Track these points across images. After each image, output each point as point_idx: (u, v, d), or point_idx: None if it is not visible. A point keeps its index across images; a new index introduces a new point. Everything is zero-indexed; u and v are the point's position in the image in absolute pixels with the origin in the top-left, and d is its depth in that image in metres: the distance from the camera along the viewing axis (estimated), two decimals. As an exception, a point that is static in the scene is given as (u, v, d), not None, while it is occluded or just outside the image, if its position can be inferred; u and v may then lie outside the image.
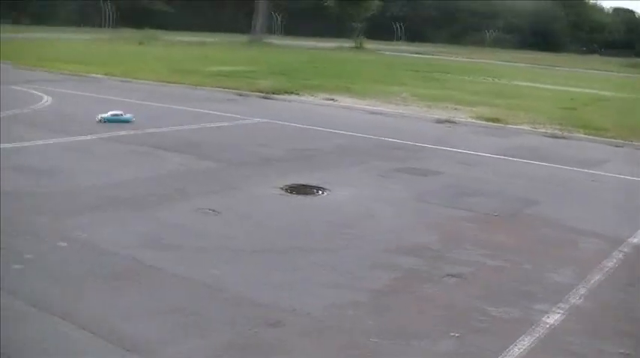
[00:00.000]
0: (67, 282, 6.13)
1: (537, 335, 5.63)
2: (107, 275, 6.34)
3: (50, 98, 18.48)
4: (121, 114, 14.90)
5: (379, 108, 19.67)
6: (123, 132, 13.62)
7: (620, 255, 7.97)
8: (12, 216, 7.93)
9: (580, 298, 6.52)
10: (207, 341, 5.20)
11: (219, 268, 6.67)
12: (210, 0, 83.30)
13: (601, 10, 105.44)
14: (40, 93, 19.28)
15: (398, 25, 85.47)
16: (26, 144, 12.27)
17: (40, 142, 12.47)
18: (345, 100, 20.98)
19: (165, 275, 6.44)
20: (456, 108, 20.24)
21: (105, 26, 72.98)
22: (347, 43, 59.46)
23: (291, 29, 77.12)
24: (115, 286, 6.12)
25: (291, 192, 9.78)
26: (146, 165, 11.17)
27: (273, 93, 21.47)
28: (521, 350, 5.35)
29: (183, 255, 7.00)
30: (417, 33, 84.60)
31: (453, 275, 6.87)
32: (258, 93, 21.58)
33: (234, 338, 5.28)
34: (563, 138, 16.79)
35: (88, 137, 13.19)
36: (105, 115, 14.71)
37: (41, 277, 6.20)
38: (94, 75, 25.71)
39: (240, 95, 21.56)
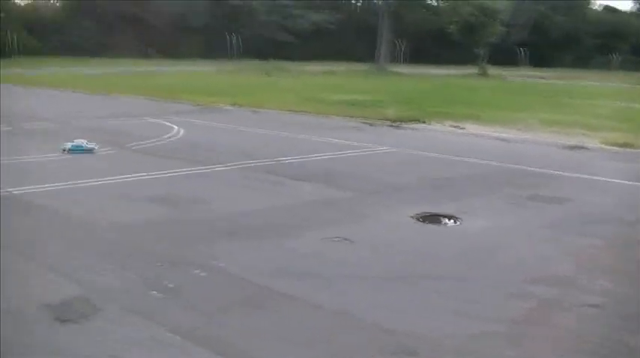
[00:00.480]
0: (207, 311, 6.29)
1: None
2: (243, 303, 6.51)
3: (181, 129, 19.15)
4: (84, 144, 15.01)
5: (507, 135, 19.49)
6: (254, 162, 14.00)
7: None
8: (150, 244, 8.27)
9: None
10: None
11: (352, 296, 6.74)
12: (333, 29, 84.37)
13: None
14: (170, 124, 19.98)
15: (521, 50, 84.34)
16: (160, 174, 12.76)
17: (174, 172, 12.93)
18: (473, 127, 20.90)
19: (300, 303, 6.54)
20: (584, 134, 19.83)
21: (230, 58, 74.60)
22: (470, 70, 59.06)
23: (414, 56, 77.12)
24: (251, 314, 6.26)
25: (422, 221, 9.78)
26: (278, 194, 11.42)
27: (401, 122, 21.58)
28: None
29: (316, 283, 7.10)
30: (540, 57, 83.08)
31: (590, 305, 6.73)
32: (385, 122, 21.74)
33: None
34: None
35: (221, 167, 13.60)
36: (68, 145, 14.91)
37: (180, 304, 6.42)
38: (222, 106, 26.44)
39: (368, 124, 21.73)
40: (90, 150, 14.79)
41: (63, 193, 11.18)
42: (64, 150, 14.66)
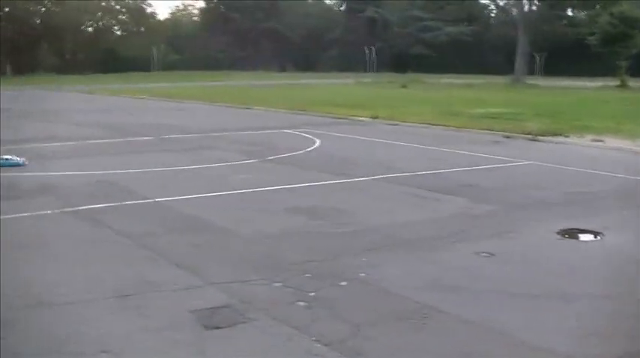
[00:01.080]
0: (354, 323, 6.22)
1: None
2: (391, 316, 6.43)
3: (320, 141, 19.35)
4: (9, 159, 15.02)
5: (650, 149, 18.88)
6: (396, 175, 13.95)
7: None
8: (294, 255, 8.32)
9: None
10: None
11: (501, 312, 6.58)
12: (468, 41, 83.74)
13: None
14: (310, 137, 20.23)
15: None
16: (302, 185, 12.91)
17: (315, 184, 13.07)
18: (614, 141, 20.22)
19: (449, 317, 6.42)
20: None
21: (367, 70, 75.05)
22: (609, 82, 57.44)
23: (552, 69, 75.63)
24: (399, 327, 6.18)
25: (568, 237, 9.54)
26: (421, 207, 11.30)
27: (541, 135, 21.15)
28: None
29: (465, 298, 6.96)
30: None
31: None
32: (525, 136, 21.32)
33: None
34: None
35: (363, 178, 13.63)
36: None
37: (327, 316, 6.40)
38: (360, 118, 26.56)
39: (507, 137, 21.30)
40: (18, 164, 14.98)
41: (205, 202, 11.47)
42: None
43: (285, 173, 14.27)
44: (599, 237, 9.58)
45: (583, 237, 9.67)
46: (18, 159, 15.12)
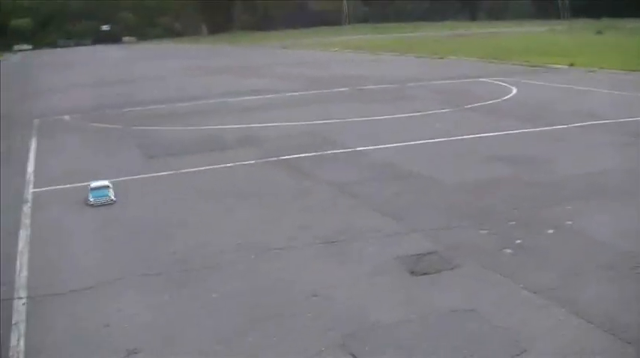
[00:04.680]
0: (561, 273, 6.10)
1: None
2: (599, 265, 6.24)
3: (517, 89, 18.98)
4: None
5: None
6: (598, 122, 13.43)
7: None
8: (498, 203, 8.23)
9: None
10: None
11: None
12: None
13: None
14: (507, 85, 19.88)
15: None
16: (500, 133, 12.74)
17: (514, 131, 12.84)
18: None
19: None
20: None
21: (561, 18, 72.70)
22: None
23: None
24: (609, 277, 6.00)
25: None
26: (627, 156, 10.74)
27: None
28: None
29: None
30: None
31: None
32: None
33: None
34: None
35: (562, 126, 13.27)
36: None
37: (534, 264, 6.32)
38: (557, 66, 25.82)
39: None
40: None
41: (404, 150, 11.56)
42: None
43: (483, 121, 14.12)
44: None
45: None
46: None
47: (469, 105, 16.15)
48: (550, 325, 5.12)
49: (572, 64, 25.62)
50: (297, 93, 20.53)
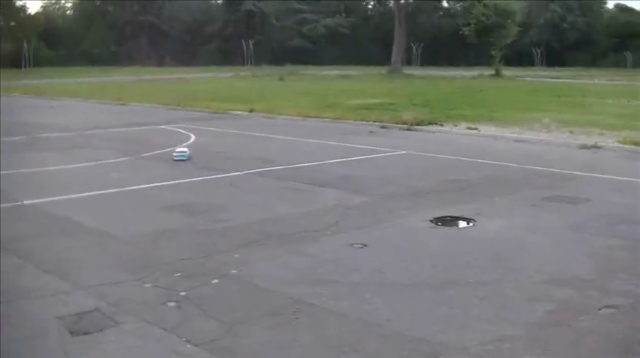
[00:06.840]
0: (226, 321, 6.16)
1: None
2: (264, 312, 6.38)
3: (195, 136, 19.18)
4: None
5: (523, 136, 19.20)
6: (271, 168, 13.91)
7: None
8: (166, 254, 8.19)
9: None
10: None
11: (374, 303, 6.62)
12: (347, 34, 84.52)
13: None
14: (186, 132, 20.02)
15: (537, 51, 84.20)
16: (175, 182, 12.76)
17: (189, 179, 12.92)
18: (488, 129, 20.72)
19: (321, 311, 6.42)
20: (600, 133, 19.39)
21: (246, 64, 74.89)
22: (486, 71, 58.99)
23: (429, 59, 77.29)
24: (272, 323, 6.14)
25: (441, 225, 9.68)
26: (298, 201, 11.26)
27: (416, 125, 21.46)
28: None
29: (337, 291, 6.98)
30: (555, 57, 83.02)
31: (609, 307, 6.59)
32: (400, 125, 21.59)
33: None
34: None
35: (238, 173, 13.53)
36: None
37: (197, 315, 6.31)
38: (238, 112, 26.48)
39: (383, 127, 21.60)
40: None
41: (77, 203, 11.18)
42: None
43: (160, 170, 14.06)
44: (472, 224, 9.79)
45: (457, 224, 9.89)
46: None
47: (147, 154, 16.03)
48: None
49: (252, 110, 26.38)
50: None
